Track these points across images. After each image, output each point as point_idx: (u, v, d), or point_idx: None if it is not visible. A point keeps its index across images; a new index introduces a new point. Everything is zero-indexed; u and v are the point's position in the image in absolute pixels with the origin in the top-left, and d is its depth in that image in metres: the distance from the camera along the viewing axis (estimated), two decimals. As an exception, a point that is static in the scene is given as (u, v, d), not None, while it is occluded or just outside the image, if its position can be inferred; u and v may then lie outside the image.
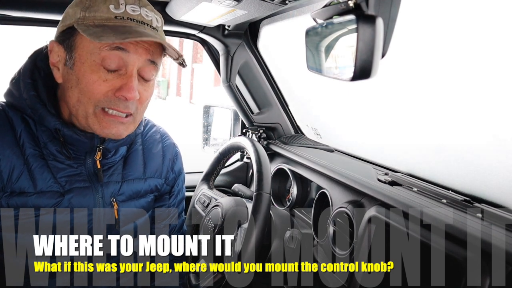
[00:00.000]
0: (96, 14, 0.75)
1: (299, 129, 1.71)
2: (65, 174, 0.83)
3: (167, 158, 1.01)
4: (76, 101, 0.78)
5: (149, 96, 0.85)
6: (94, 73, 0.76)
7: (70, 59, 0.77)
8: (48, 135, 0.81)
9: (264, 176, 1.00)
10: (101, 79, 0.76)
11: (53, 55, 0.80)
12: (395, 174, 1.13)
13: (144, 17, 0.78)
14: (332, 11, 0.55)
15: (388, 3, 0.52)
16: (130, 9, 0.77)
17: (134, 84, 0.77)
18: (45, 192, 0.80)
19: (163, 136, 1.03)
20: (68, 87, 0.79)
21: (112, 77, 0.76)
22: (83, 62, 0.76)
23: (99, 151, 0.85)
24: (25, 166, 0.79)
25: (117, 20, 0.75)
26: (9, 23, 1.20)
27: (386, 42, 0.52)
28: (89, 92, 0.76)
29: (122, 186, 0.90)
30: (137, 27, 0.76)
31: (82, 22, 0.75)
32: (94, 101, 0.77)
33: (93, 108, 0.78)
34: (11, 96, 0.83)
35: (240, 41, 1.45)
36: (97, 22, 0.75)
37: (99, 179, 0.86)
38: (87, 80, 0.76)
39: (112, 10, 0.75)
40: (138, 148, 0.95)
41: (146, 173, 0.95)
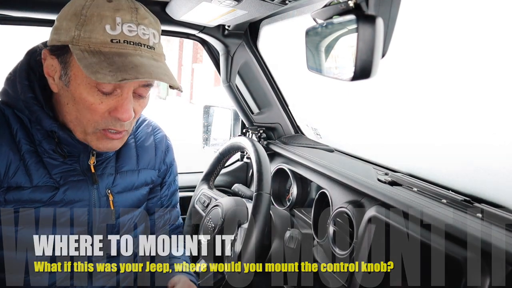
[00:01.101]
0: (91, 35, 0.72)
1: (299, 129, 1.71)
2: (59, 170, 0.83)
3: (160, 150, 1.02)
4: (75, 118, 0.79)
5: (142, 110, 0.85)
6: (90, 96, 0.75)
7: (65, 76, 0.77)
8: (42, 133, 0.82)
9: (264, 176, 1.00)
10: (97, 102, 0.76)
11: (47, 65, 0.79)
12: (395, 174, 1.13)
13: (141, 37, 0.75)
14: (332, 11, 0.55)
15: (388, 3, 0.52)
16: (126, 29, 0.74)
17: (129, 107, 0.77)
18: (41, 187, 0.81)
19: (154, 129, 1.04)
20: (65, 103, 0.80)
21: (108, 99, 0.76)
22: (79, 84, 0.75)
23: (93, 155, 0.86)
24: (21, 162, 0.79)
25: (113, 44, 0.73)
26: (9, 23, 1.20)
27: (386, 42, 0.52)
28: (87, 114, 0.77)
29: (116, 177, 0.91)
30: (134, 53, 0.74)
31: (77, 44, 0.73)
32: (93, 124, 0.78)
33: (93, 129, 0.79)
34: (7, 95, 0.84)
35: (240, 41, 1.45)
36: (92, 47, 0.72)
37: (93, 181, 0.87)
38: (84, 102, 0.76)
39: (108, 32, 0.73)
40: (130, 141, 0.96)
41: (139, 165, 0.96)
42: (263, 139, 1.66)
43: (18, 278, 0.83)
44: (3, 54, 11.34)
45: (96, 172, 0.88)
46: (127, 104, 0.77)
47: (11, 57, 1.44)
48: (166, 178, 1.05)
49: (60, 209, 0.82)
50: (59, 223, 0.83)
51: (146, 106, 0.85)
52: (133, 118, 0.81)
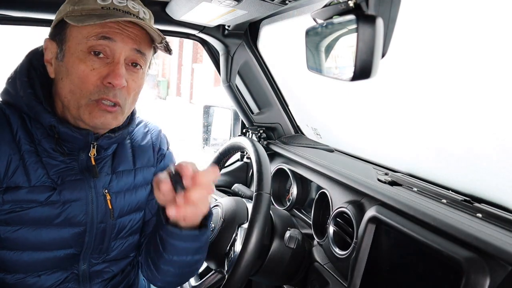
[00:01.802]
0: (84, 6, 0.79)
1: (299, 129, 1.71)
2: (58, 170, 0.84)
3: (156, 145, 1.03)
4: (68, 92, 0.80)
5: (137, 87, 0.86)
6: (82, 63, 0.78)
7: (61, 52, 0.81)
8: (42, 132, 0.82)
9: (264, 176, 1.00)
10: (88, 68, 0.78)
11: (47, 52, 0.84)
12: (395, 174, 1.13)
13: (131, 9, 0.81)
14: (332, 11, 0.55)
15: (388, 3, 0.52)
16: (116, 1, 0.80)
17: (121, 71, 0.79)
18: (38, 187, 0.81)
19: (150, 129, 1.05)
20: (59, 79, 0.81)
21: (99, 65, 0.78)
22: (72, 53, 0.79)
23: (94, 147, 0.86)
24: (21, 161, 0.80)
25: (103, 10, 0.79)
26: (9, 23, 1.20)
27: (386, 42, 0.52)
28: (80, 83, 0.78)
29: (112, 178, 0.91)
30: (123, 15, 0.79)
31: (71, 14, 0.79)
32: (86, 94, 0.79)
33: (86, 100, 0.80)
34: (8, 94, 0.85)
35: (240, 41, 1.46)
36: (84, 13, 0.78)
37: (93, 174, 0.87)
38: (76, 70, 0.78)
39: (99, 2, 0.79)
40: (126, 142, 0.97)
41: (136, 164, 0.97)
42: (263, 139, 1.66)
43: (15, 278, 0.83)
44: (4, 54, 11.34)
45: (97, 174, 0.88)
46: (119, 69, 0.79)
47: (11, 57, 1.44)
48: (159, 164, 1.03)
49: (57, 209, 0.82)
50: (57, 223, 0.83)
51: (140, 86, 0.87)
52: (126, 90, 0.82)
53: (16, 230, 0.80)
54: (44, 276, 0.84)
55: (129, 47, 0.80)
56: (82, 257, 0.88)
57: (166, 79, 17.86)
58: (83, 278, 0.89)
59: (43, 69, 0.86)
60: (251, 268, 0.91)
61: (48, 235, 0.82)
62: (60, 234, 0.83)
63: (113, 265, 0.94)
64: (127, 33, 0.79)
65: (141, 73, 0.86)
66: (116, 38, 0.78)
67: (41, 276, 0.84)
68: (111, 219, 0.90)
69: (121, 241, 0.94)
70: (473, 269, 0.67)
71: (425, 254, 0.79)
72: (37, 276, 0.84)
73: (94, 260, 0.90)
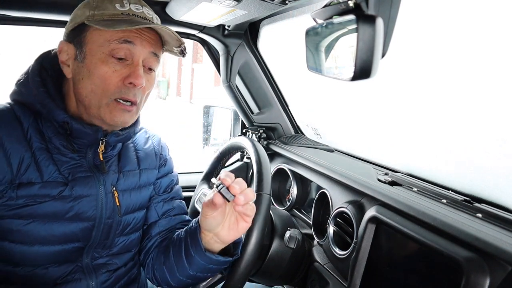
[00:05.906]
0: (104, 11, 0.84)
1: (299, 129, 1.71)
2: (68, 167, 0.87)
3: (158, 150, 1.09)
4: (90, 92, 0.85)
5: (151, 87, 0.93)
6: (104, 65, 0.83)
7: (81, 54, 0.85)
8: (52, 130, 0.86)
9: (264, 176, 1.00)
10: (111, 70, 0.84)
11: (63, 54, 0.88)
12: (395, 174, 1.13)
13: (146, 15, 0.88)
14: (332, 11, 0.56)
15: (388, 3, 0.52)
16: (134, 7, 0.87)
17: (141, 72, 0.86)
18: (50, 182, 0.84)
19: (151, 135, 1.11)
20: (79, 79, 0.86)
21: (121, 67, 0.84)
22: (94, 55, 0.84)
23: (102, 144, 0.91)
24: (33, 158, 0.83)
25: (123, 15, 0.85)
26: (9, 23, 1.20)
27: (386, 42, 0.52)
28: (102, 83, 0.84)
29: (119, 176, 0.96)
30: (147, 22, 0.86)
31: (92, 19, 0.84)
32: (108, 93, 0.84)
33: (107, 100, 0.85)
34: (20, 94, 0.89)
35: (240, 41, 1.46)
36: (106, 18, 0.84)
37: (101, 169, 0.91)
38: (99, 71, 0.83)
39: (118, 8, 0.85)
40: (129, 145, 1.03)
41: (140, 166, 1.02)
42: (263, 139, 1.66)
43: (24, 271, 0.85)
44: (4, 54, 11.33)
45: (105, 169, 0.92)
46: (138, 70, 0.85)
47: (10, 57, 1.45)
48: (161, 168, 1.09)
49: (68, 204, 0.85)
50: (68, 217, 0.86)
51: (153, 86, 0.94)
52: (143, 91, 0.89)
53: (29, 223, 0.83)
54: (52, 268, 0.87)
55: (147, 50, 0.87)
56: (86, 251, 0.90)
57: (166, 79, 17.86)
58: (87, 270, 0.91)
59: (53, 70, 0.90)
60: (251, 268, 0.91)
61: (59, 229, 0.85)
62: (70, 228, 0.86)
63: (115, 258, 0.97)
64: (145, 37, 0.86)
65: (154, 75, 0.93)
66: (136, 42, 0.85)
67: (49, 268, 0.87)
68: (118, 215, 0.93)
69: (124, 238, 0.97)
70: (473, 269, 0.67)
71: (425, 254, 0.79)
72: (45, 269, 0.86)
73: (97, 254, 0.93)
